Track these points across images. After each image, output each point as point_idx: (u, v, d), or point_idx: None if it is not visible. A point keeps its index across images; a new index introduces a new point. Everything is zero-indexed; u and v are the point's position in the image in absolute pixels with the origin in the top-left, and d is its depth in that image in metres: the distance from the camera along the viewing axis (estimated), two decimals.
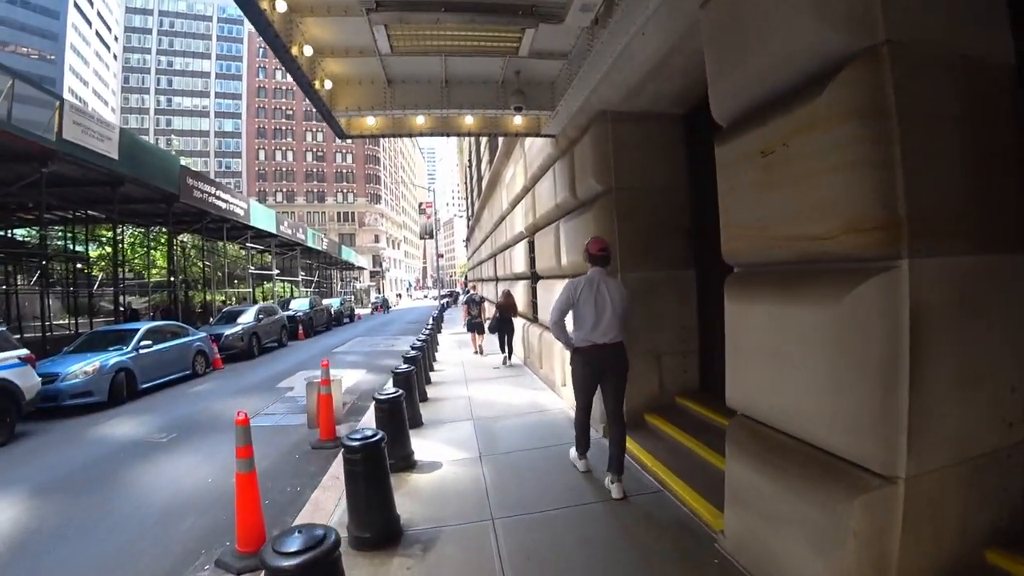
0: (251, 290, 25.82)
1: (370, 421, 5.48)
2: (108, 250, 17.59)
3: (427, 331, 10.76)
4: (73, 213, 16.26)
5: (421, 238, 65.63)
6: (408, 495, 3.88)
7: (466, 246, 36.18)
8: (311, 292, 33.98)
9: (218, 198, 18.17)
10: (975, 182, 2.03)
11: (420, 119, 5.99)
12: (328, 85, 5.05)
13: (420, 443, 5.02)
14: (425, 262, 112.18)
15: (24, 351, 7.52)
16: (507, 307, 9.76)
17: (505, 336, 9.79)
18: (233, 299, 24.71)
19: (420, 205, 67.15)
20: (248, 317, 15.32)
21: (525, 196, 8.81)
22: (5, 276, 15.82)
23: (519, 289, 10.28)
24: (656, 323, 4.91)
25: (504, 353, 9.88)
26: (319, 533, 1.93)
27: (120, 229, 17.98)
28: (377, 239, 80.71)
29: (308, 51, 4.33)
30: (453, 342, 14.16)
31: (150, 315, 16.92)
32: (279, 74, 74.73)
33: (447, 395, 7.41)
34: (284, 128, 78.25)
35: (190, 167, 18.81)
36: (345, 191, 79.50)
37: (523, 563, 2.90)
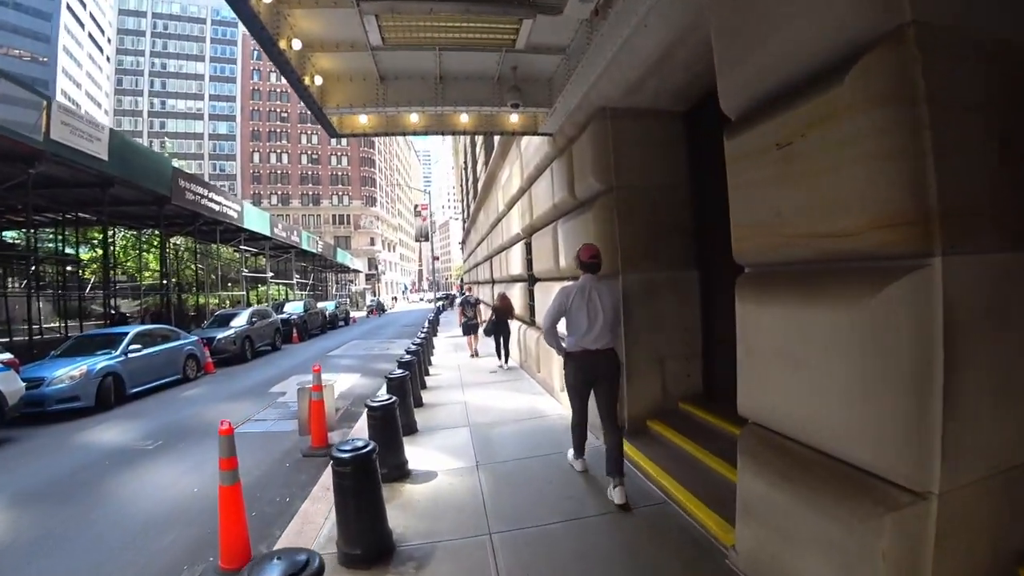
0: (245, 293, 25.54)
1: (364, 427, 5.31)
2: (100, 252, 17.36)
3: (423, 334, 10.61)
4: (63, 215, 16.01)
5: (417, 240, 65.45)
6: (401, 507, 3.70)
7: (462, 249, 36.06)
8: (306, 295, 33.71)
9: (211, 200, 17.92)
10: (1010, 172, 1.88)
11: (414, 117, 5.82)
12: (319, 81, 4.87)
13: (415, 451, 4.85)
14: (421, 265, 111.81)
15: (7, 355, 7.34)
16: (503, 310, 9.67)
17: (501, 339, 9.70)
18: (227, 302, 24.45)
19: (416, 207, 67.15)
20: (241, 320, 15.11)
21: (521, 197, 8.66)
22: None
23: (516, 291, 10.13)
24: (658, 325, 4.76)
25: (500, 357, 9.76)
26: (301, 559, 1.76)
27: (112, 231, 17.75)
28: (373, 242, 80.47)
29: (297, 45, 4.15)
30: (449, 345, 13.98)
31: (140, 319, 16.65)
32: (274, 76, 74.32)
33: (443, 400, 7.24)
34: (279, 131, 77.86)
35: (183, 169, 18.57)
36: (340, 194, 79.20)
37: None
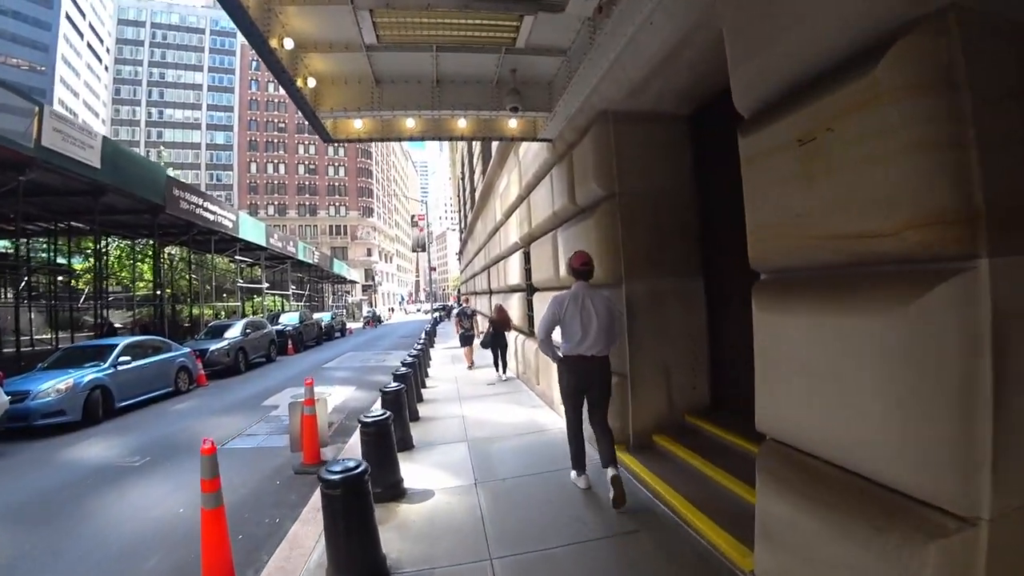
0: (240, 304, 25.29)
1: (357, 443, 5.11)
2: (93, 262, 17.17)
3: (419, 346, 10.41)
4: (55, 224, 15.81)
5: (414, 251, 65.23)
6: (396, 529, 3.49)
7: (459, 259, 35.89)
8: (302, 306, 33.47)
9: (206, 209, 17.77)
10: None
11: (410, 121, 5.67)
12: (312, 83, 4.72)
13: (410, 468, 4.65)
14: (418, 275, 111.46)
15: None
16: (501, 322, 9.53)
17: (499, 351, 9.56)
18: (222, 313, 24.20)
19: (412, 217, 67.08)
20: (235, 332, 14.87)
21: (520, 205, 8.51)
22: None
23: (514, 301, 9.95)
24: (663, 335, 4.58)
25: (498, 370, 9.61)
26: None
27: (105, 241, 17.53)
28: (369, 252, 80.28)
29: (289, 44, 4.00)
30: (446, 356, 13.76)
31: (131, 330, 16.39)
32: (271, 86, 74.68)
33: (440, 414, 7.03)
34: (276, 141, 77.91)
35: (179, 179, 18.43)
36: (337, 204, 79.12)
37: None
